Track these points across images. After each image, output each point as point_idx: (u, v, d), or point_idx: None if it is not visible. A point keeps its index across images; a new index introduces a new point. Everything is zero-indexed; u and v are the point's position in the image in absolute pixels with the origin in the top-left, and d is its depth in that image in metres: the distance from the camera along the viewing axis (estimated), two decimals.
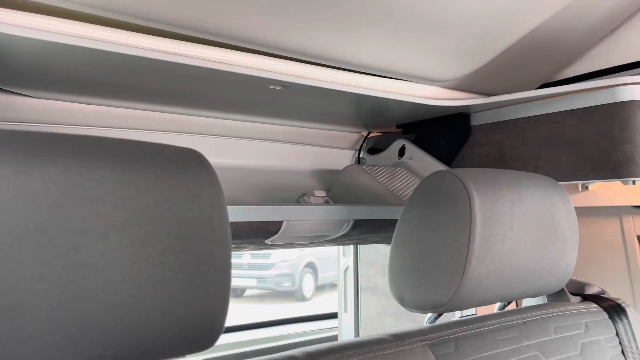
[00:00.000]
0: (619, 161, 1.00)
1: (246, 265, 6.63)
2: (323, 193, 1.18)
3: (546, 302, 0.99)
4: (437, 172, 0.80)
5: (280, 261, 6.73)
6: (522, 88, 1.22)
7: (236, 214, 0.88)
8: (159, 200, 0.47)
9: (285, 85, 0.97)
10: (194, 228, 0.49)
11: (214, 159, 1.21)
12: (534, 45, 1.10)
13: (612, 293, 1.07)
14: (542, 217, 0.83)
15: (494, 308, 1.01)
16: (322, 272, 7.04)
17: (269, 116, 1.27)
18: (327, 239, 1.13)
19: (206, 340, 0.51)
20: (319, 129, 1.44)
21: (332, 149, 1.46)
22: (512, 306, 0.99)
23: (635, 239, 1.43)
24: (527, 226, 0.80)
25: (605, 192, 1.40)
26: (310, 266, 7.03)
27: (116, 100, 1.08)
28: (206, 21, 0.80)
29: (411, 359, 0.69)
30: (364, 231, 1.15)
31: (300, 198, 1.16)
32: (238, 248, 1.08)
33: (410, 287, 0.78)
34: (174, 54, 0.82)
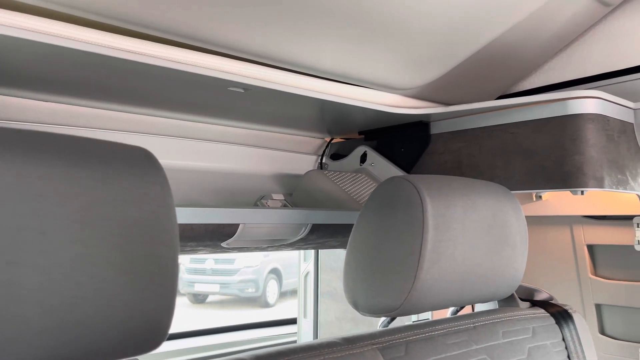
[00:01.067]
0: (569, 172, 1.03)
1: (209, 271, 6.54)
2: (281, 196, 1.18)
3: (497, 307, 1.01)
4: (393, 178, 0.81)
5: (244, 267, 6.67)
6: (481, 99, 1.25)
7: (191, 216, 0.87)
8: (104, 198, 0.46)
9: (247, 87, 0.97)
10: (140, 228, 0.48)
11: (173, 161, 1.20)
12: (492, 57, 1.13)
13: (562, 300, 1.11)
14: (493, 224, 0.85)
15: (447, 313, 1.03)
16: (286, 278, 7.02)
17: (230, 118, 1.27)
18: (285, 243, 1.13)
19: (151, 343, 0.50)
20: (281, 133, 1.44)
21: (295, 154, 1.46)
22: (466, 311, 1.01)
23: (585, 248, 1.48)
24: (479, 232, 0.82)
25: (558, 202, 1.45)
26: (275, 272, 6.99)
27: (73, 98, 1.05)
28: (167, 20, 0.79)
29: None
30: (322, 235, 1.15)
31: (258, 201, 1.16)
32: (193, 251, 1.07)
33: (364, 291, 0.79)
34: (134, 53, 0.80)
